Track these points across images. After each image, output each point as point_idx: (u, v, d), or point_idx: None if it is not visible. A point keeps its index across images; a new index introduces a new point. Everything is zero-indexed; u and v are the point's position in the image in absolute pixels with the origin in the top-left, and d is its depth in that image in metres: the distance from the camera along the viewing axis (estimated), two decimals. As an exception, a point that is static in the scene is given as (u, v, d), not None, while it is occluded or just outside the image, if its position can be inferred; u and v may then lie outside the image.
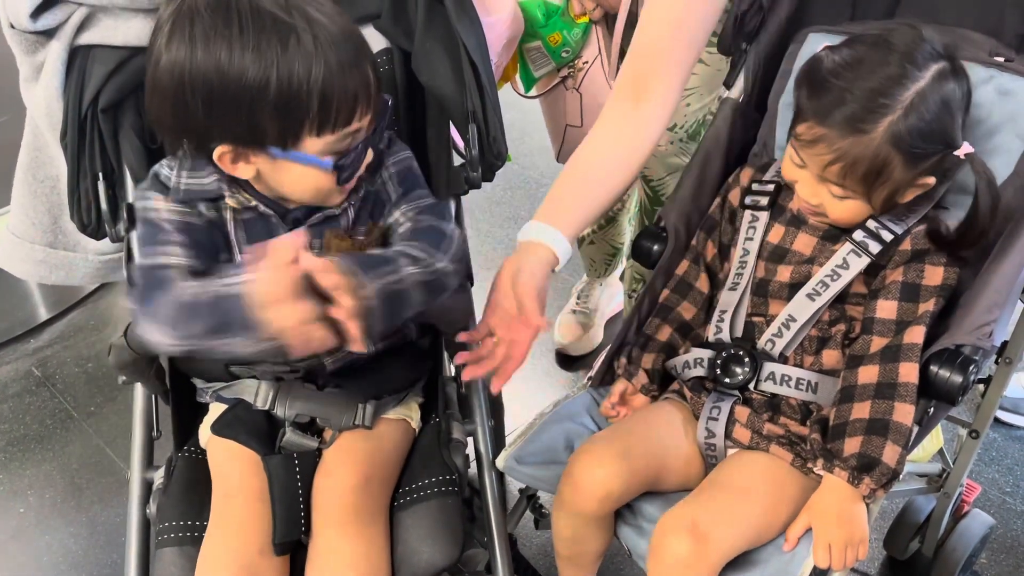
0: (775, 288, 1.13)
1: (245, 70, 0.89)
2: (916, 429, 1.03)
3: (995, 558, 1.60)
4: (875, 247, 1.07)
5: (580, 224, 1.18)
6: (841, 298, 1.09)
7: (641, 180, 1.69)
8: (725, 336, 1.14)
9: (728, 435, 1.10)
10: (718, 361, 1.12)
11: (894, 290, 1.05)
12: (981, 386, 1.35)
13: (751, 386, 1.11)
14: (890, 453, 0.98)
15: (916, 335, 1.02)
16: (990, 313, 0.99)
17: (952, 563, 1.50)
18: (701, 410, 1.13)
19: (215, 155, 0.96)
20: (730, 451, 1.11)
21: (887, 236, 1.06)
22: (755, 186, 1.20)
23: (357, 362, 1.13)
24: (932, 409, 1.04)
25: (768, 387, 1.10)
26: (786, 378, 1.09)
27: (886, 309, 1.05)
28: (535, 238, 1.15)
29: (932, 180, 1.05)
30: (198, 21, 0.90)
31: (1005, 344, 1.27)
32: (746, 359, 1.10)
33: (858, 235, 1.08)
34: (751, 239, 1.16)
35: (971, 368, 0.98)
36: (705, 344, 1.17)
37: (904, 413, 0.99)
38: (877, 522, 1.62)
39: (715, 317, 1.17)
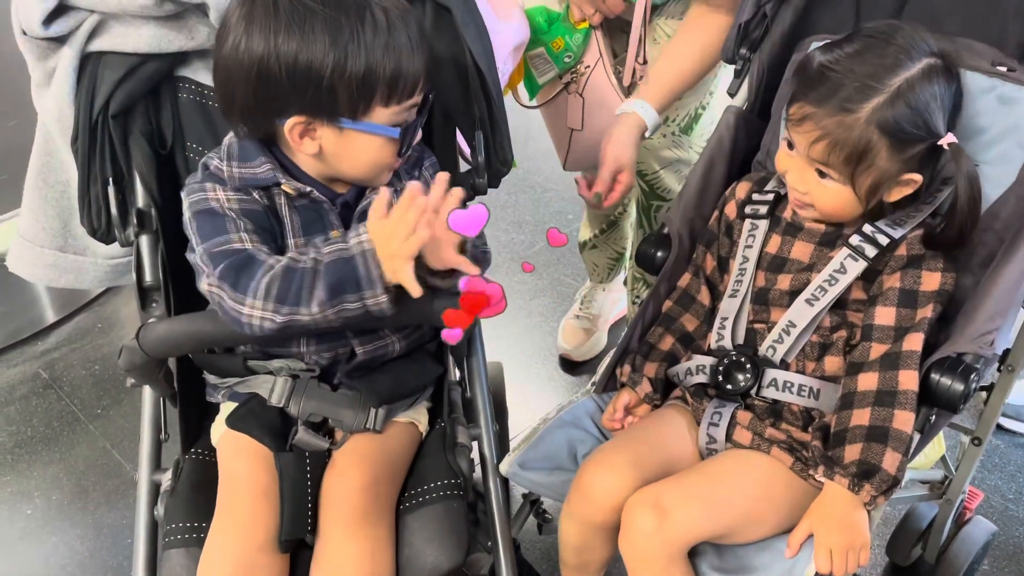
0: (775, 296, 1.14)
1: (327, 45, 0.96)
2: (917, 437, 1.04)
3: (997, 564, 1.60)
4: (871, 251, 1.08)
5: (665, 96, 1.44)
6: (841, 304, 1.10)
7: (636, 175, 1.70)
8: (727, 343, 1.15)
9: (729, 438, 1.11)
10: (720, 368, 1.13)
11: (892, 297, 1.06)
12: (984, 393, 1.36)
13: (753, 392, 1.11)
14: (890, 460, 0.99)
15: (915, 342, 1.03)
16: (992, 321, 1.00)
17: (954, 570, 1.50)
18: (703, 416, 1.13)
19: (287, 127, 1.00)
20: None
21: (883, 240, 1.08)
22: (755, 196, 1.21)
23: (373, 363, 1.14)
24: (934, 417, 1.04)
25: (770, 393, 1.11)
26: (788, 384, 1.10)
27: (885, 316, 1.06)
28: (626, 110, 1.41)
29: (919, 178, 1.06)
30: (276, 14, 0.96)
31: (1008, 352, 1.28)
32: (748, 365, 1.11)
33: (855, 240, 1.09)
34: (750, 247, 1.17)
35: (972, 376, 0.99)
36: (707, 352, 1.18)
37: (904, 421, 1.00)
38: (879, 528, 1.62)
39: (716, 324, 1.18)
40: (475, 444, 1.23)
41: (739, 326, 1.16)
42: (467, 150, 1.28)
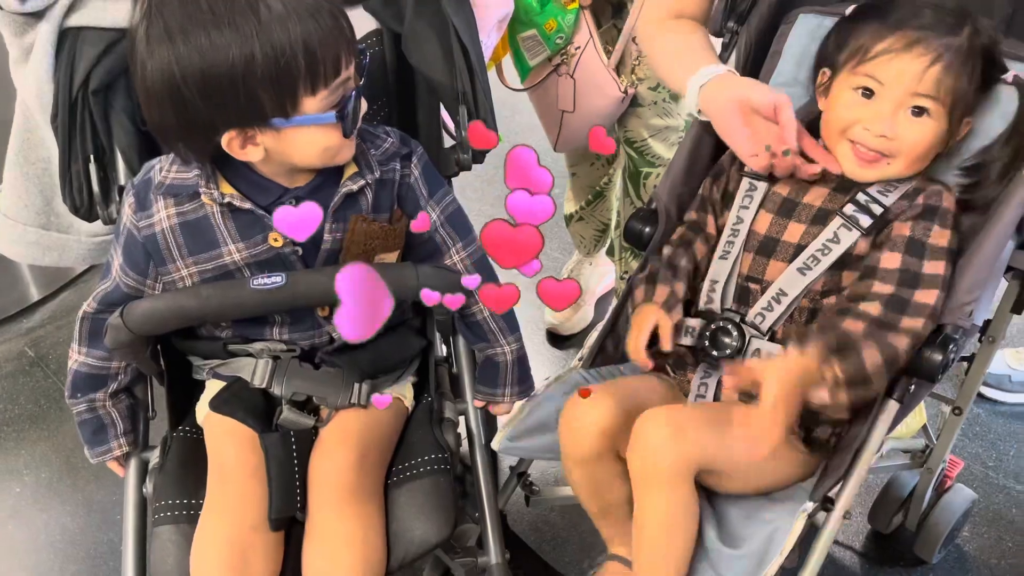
0: (782, 248, 1.11)
1: (229, 49, 0.91)
2: (896, 406, 1.05)
3: (977, 531, 1.63)
4: (866, 221, 1.08)
5: None
6: (840, 263, 1.08)
7: (624, 143, 1.70)
8: (715, 306, 1.14)
9: (716, 398, 1.12)
10: (707, 332, 1.13)
11: (900, 243, 1.05)
12: (965, 364, 1.38)
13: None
14: (871, 355, 0.97)
15: (929, 296, 1.01)
16: (970, 293, 1.01)
17: (935, 536, 1.53)
18: (688, 387, 1.14)
19: (224, 143, 0.98)
20: None
21: (877, 210, 1.07)
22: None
23: (354, 343, 1.14)
24: (913, 387, 1.05)
25: (753, 363, 1.11)
26: (770, 356, 1.10)
27: (890, 260, 1.04)
28: (721, 72, 1.18)
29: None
30: (170, 14, 0.92)
31: (988, 323, 1.29)
32: (734, 332, 1.11)
33: (849, 208, 1.08)
34: (746, 207, 1.16)
35: (951, 347, 1.00)
36: (696, 313, 1.17)
37: (900, 341, 0.99)
38: (862, 497, 1.65)
39: (706, 286, 1.17)
40: (462, 419, 1.24)
41: (729, 287, 1.14)
42: (451, 125, 1.27)
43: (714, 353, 1.12)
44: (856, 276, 1.08)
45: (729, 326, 1.11)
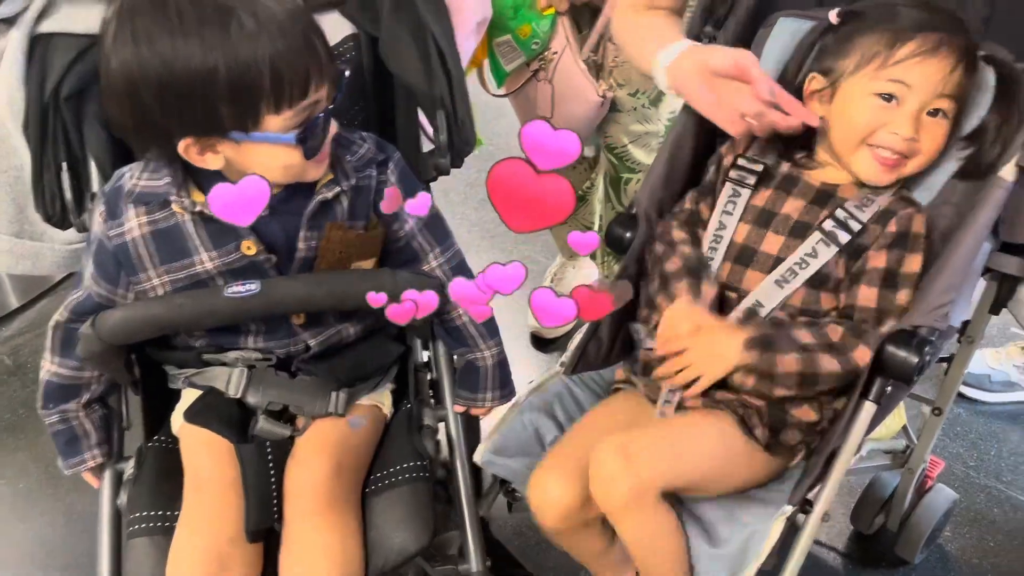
0: (760, 259, 1.12)
1: (191, 59, 0.90)
2: (872, 407, 1.04)
3: (959, 531, 1.64)
4: (844, 237, 1.08)
5: None
6: (821, 281, 1.09)
7: (604, 149, 1.70)
8: None
9: (680, 407, 1.11)
10: None
11: (875, 277, 1.06)
12: (944, 364, 1.38)
13: None
14: (786, 362, 1.02)
15: (886, 326, 1.04)
16: (946, 295, 1.01)
17: (916, 537, 1.53)
18: (657, 394, 1.13)
19: (180, 149, 0.96)
20: None
21: (855, 226, 1.08)
22: (741, 162, 1.19)
23: (331, 349, 1.13)
24: (890, 388, 1.04)
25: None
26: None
27: (866, 297, 1.06)
28: (684, 47, 1.18)
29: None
30: (138, 18, 0.91)
31: (967, 323, 1.29)
32: None
33: (828, 224, 1.09)
34: (729, 213, 1.16)
35: (927, 349, 1.00)
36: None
37: (828, 364, 1.02)
38: (844, 498, 1.65)
39: None
40: (442, 425, 1.23)
41: None
42: (430, 130, 1.26)
43: None
44: (834, 302, 1.09)
45: None
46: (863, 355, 1.02)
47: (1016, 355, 1.88)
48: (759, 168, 1.17)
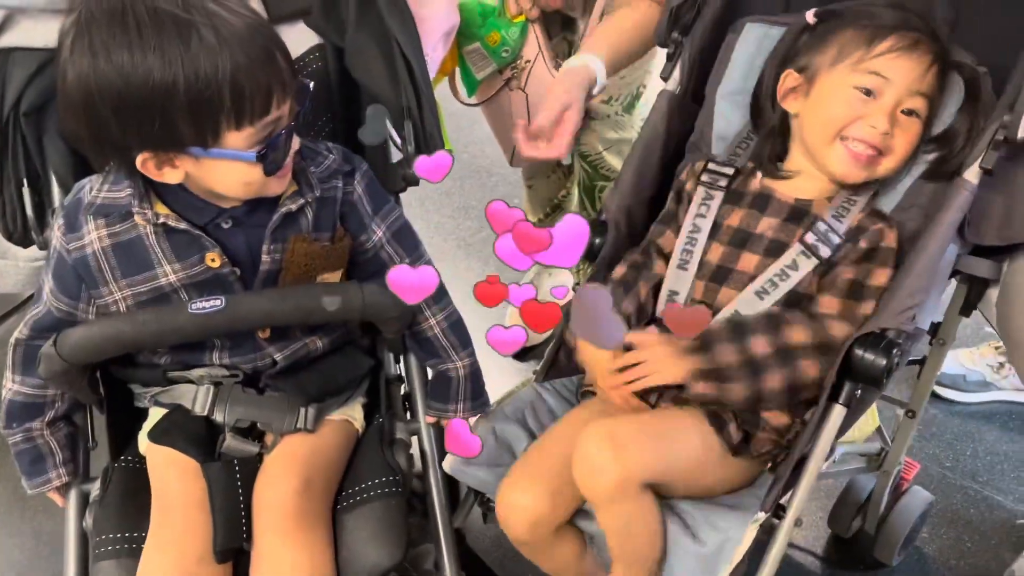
0: (735, 277, 1.12)
1: (150, 73, 0.88)
2: (842, 410, 1.04)
3: (936, 532, 1.64)
4: (825, 251, 1.08)
5: (610, 51, 1.42)
6: (796, 300, 1.09)
7: (578, 157, 1.70)
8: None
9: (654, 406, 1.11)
10: None
11: (843, 287, 1.07)
12: (917, 366, 1.38)
13: None
14: (736, 391, 1.03)
15: (841, 330, 1.05)
16: (912, 298, 1.01)
17: (894, 539, 1.53)
18: None
19: (138, 163, 0.95)
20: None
21: (835, 240, 1.08)
22: (711, 166, 1.19)
23: (298, 363, 1.11)
24: (860, 391, 1.04)
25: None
26: None
27: (828, 304, 1.07)
28: (573, 64, 1.38)
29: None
30: (96, 30, 0.89)
31: (938, 326, 1.30)
32: None
33: (810, 238, 1.09)
34: (703, 216, 1.16)
35: (895, 351, 1.00)
36: (652, 321, 1.16)
37: (776, 380, 1.04)
38: (821, 501, 1.65)
39: (663, 295, 1.16)
40: (415, 438, 1.22)
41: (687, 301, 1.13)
42: (399, 140, 1.25)
43: None
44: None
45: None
46: (841, 330, 1.04)
47: (990, 355, 1.89)
48: (730, 171, 1.17)
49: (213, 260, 1.01)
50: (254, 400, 1.10)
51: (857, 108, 1.07)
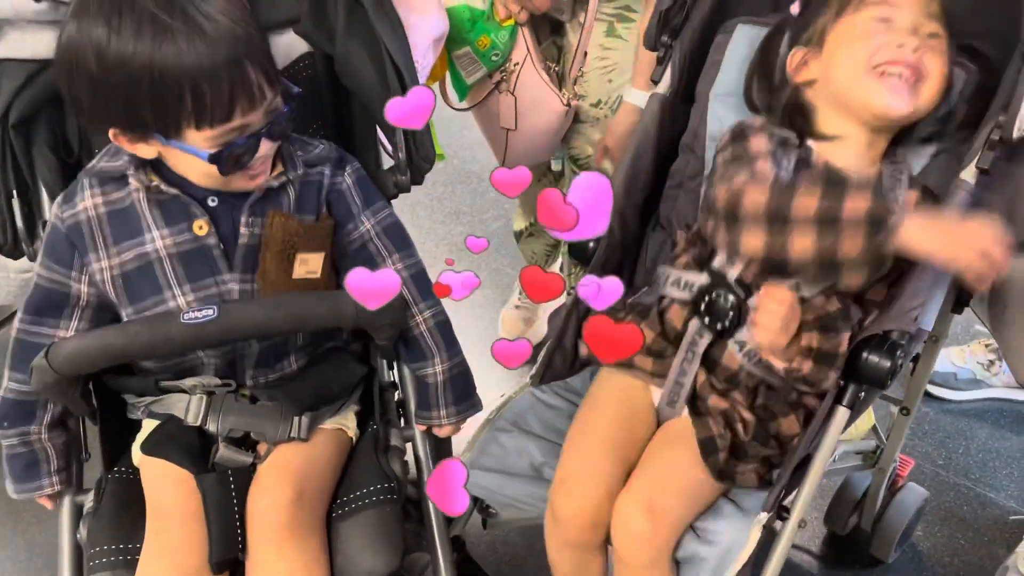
0: None
1: (121, 59, 0.91)
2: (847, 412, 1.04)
3: (930, 529, 1.64)
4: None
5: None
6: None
7: (569, 161, 1.70)
8: (729, 272, 1.08)
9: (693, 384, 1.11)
10: (709, 295, 1.09)
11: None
12: (911, 364, 1.38)
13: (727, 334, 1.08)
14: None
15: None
16: (916, 299, 1.01)
17: (890, 536, 1.53)
18: (664, 373, 1.11)
19: (111, 135, 0.98)
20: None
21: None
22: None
23: (290, 373, 1.11)
24: (863, 393, 1.05)
25: (732, 349, 1.09)
26: (752, 354, 1.08)
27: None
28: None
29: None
30: (96, 5, 0.92)
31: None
32: (732, 309, 1.07)
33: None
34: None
35: (898, 353, 1.00)
36: (704, 269, 1.11)
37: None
38: (817, 499, 1.65)
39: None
40: (410, 445, 1.21)
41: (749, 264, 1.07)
42: (390, 147, 1.24)
43: (706, 319, 1.09)
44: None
45: (733, 297, 1.07)
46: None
47: (981, 352, 1.90)
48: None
49: (200, 228, 1.03)
50: (247, 409, 1.09)
51: (880, 33, 1.03)
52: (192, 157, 0.97)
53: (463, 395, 1.16)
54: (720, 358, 1.10)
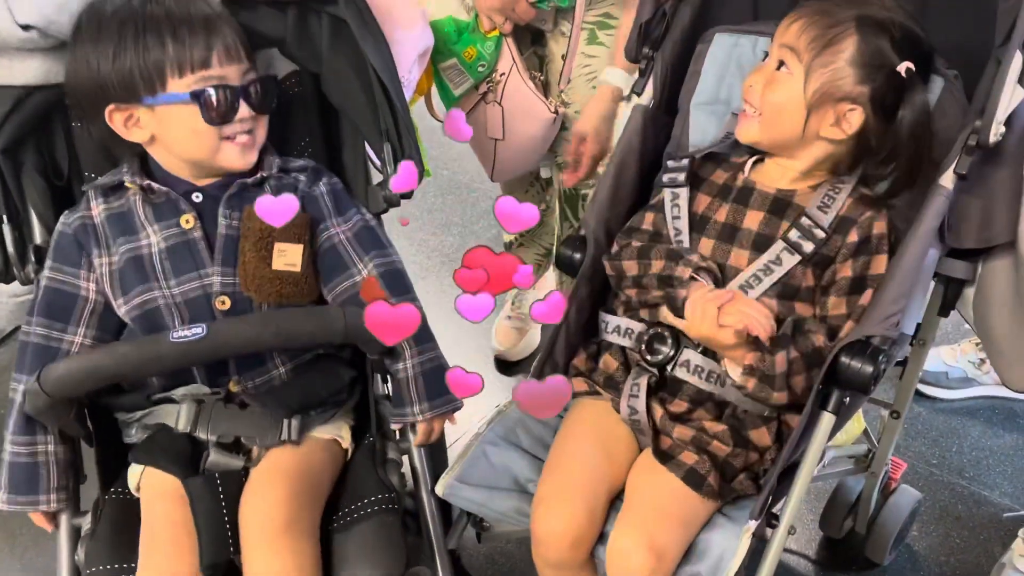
0: (731, 273, 1.12)
1: (112, 17, 1.06)
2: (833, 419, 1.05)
3: (925, 529, 1.65)
4: (808, 247, 1.08)
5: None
6: (791, 294, 1.09)
7: (556, 168, 1.71)
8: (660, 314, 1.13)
9: (649, 413, 1.12)
10: (645, 336, 1.13)
11: (844, 286, 1.07)
12: (900, 367, 1.39)
13: (668, 368, 1.12)
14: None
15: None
16: (896, 304, 1.02)
17: (884, 538, 1.54)
18: (620, 397, 1.14)
19: (107, 116, 1.08)
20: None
21: (820, 234, 1.08)
22: (670, 163, 1.20)
23: (277, 377, 1.12)
24: (848, 399, 1.05)
25: (680, 373, 1.11)
26: (699, 369, 1.10)
27: (837, 306, 1.07)
28: (600, 82, 1.43)
29: (860, 113, 1.07)
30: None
31: (919, 326, 1.31)
32: (670, 340, 1.11)
33: (793, 234, 1.09)
34: (677, 217, 1.16)
35: (881, 358, 1.00)
36: (638, 317, 1.17)
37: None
38: (812, 503, 1.65)
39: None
40: (406, 458, 1.21)
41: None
42: (379, 163, 1.25)
43: (647, 358, 1.12)
44: (810, 310, 1.09)
45: (666, 334, 1.12)
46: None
47: (971, 351, 1.91)
48: (684, 163, 1.18)
49: (187, 222, 1.10)
50: (236, 415, 1.10)
51: (750, 77, 1.14)
52: (179, 114, 1.07)
53: (437, 390, 1.13)
54: (676, 384, 1.12)
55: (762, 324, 1.02)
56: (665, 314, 1.12)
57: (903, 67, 1.06)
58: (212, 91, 1.06)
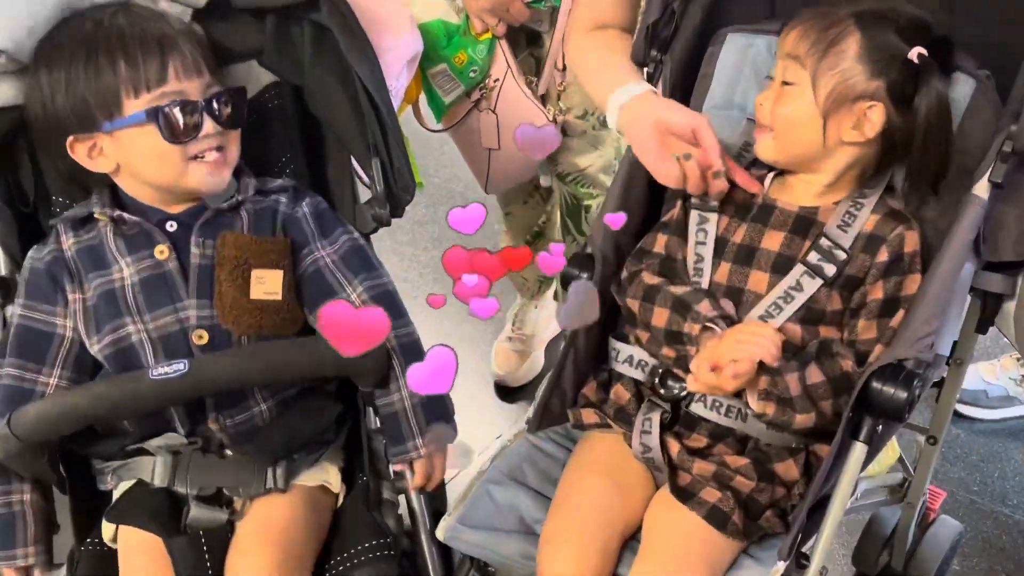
0: (749, 299, 1.13)
1: (65, 40, 1.09)
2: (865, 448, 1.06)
3: (967, 563, 1.66)
4: (830, 270, 1.10)
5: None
6: (816, 318, 1.10)
7: (557, 179, 1.72)
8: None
9: (665, 449, 1.13)
10: (660, 370, 1.14)
11: (875, 308, 1.08)
12: (935, 389, 1.40)
13: (683, 405, 1.14)
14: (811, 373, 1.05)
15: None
16: (929, 324, 1.03)
17: (924, 573, 1.54)
18: (634, 427, 1.15)
19: (69, 148, 1.10)
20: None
21: (841, 255, 1.10)
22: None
23: (258, 417, 1.13)
24: (880, 427, 1.06)
25: (698, 409, 1.13)
26: (717, 404, 1.12)
27: (867, 330, 1.09)
28: (633, 92, 1.24)
29: (880, 109, 1.08)
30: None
31: (955, 345, 1.32)
32: (683, 374, 1.11)
33: (813, 257, 1.11)
34: (703, 243, 1.18)
35: (915, 383, 1.01)
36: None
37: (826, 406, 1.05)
38: (844, 538, 1.66)
39: None
40: (402, 498, 1.22)
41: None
42: (368, 179, 1.26)
43: (661, 392, 1.14)
44: (837, 334, 1.10)
45: (679, 369, 1.13)
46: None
47: (1012, 367, 1.91)
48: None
49: (162, 252, 1.12)
50: (216, 464, 1.11)
51: (758, 98, 1.17)
52: (139, 139, 1.08)
53: (438, 416, 1.13)
54: (693, 418, 1.14)
55: (762, 348, 1.03)
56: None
57: (914, 53, 1.07)
58: (169, 107, 1.07)
